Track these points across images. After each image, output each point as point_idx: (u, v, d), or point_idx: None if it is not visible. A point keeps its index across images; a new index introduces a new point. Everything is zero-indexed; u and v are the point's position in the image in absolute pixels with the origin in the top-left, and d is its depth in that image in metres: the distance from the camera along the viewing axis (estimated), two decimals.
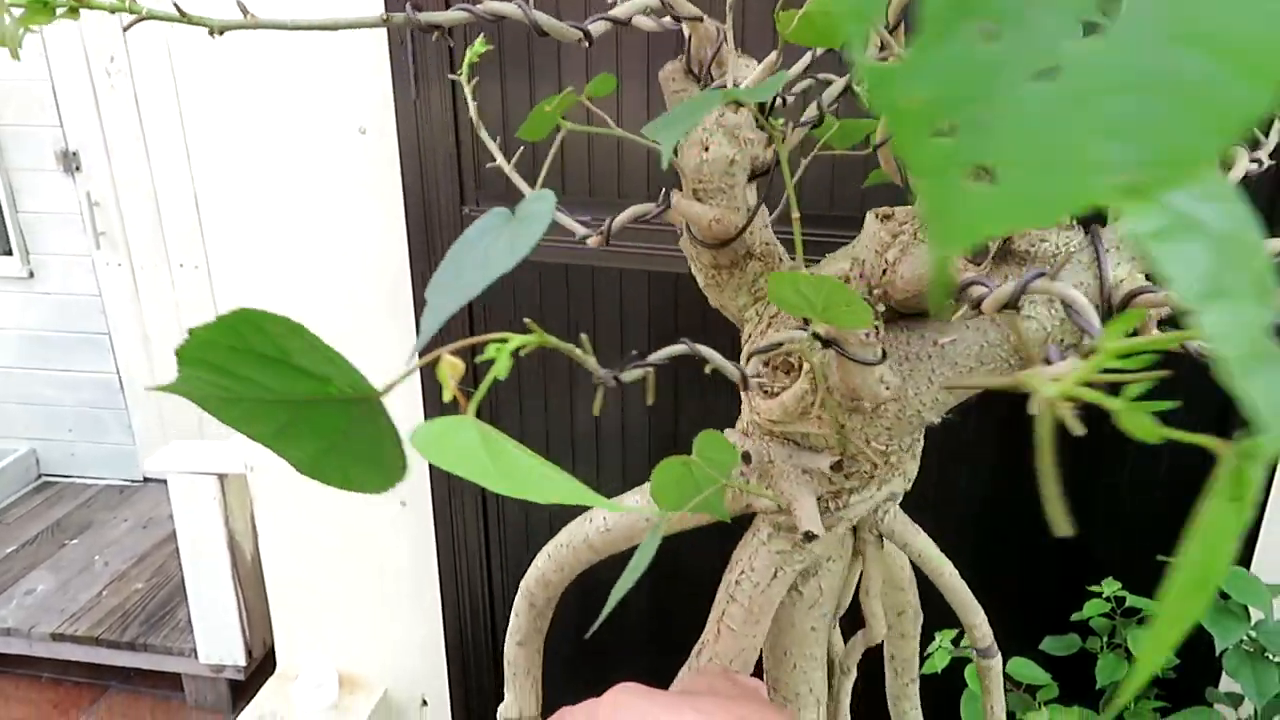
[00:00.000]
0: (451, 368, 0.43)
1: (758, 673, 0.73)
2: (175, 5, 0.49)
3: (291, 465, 0.45)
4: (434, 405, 1.76)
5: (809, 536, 0.59)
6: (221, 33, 0.49)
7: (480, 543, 1.92)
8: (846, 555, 0.70)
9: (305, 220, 1.74)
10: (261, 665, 2.45)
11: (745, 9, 1.35)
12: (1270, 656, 1.23)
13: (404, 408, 1.81)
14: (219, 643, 2.45)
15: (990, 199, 0.24)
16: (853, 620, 0.75)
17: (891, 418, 0.57)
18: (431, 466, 1.84)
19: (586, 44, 0.56)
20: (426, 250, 1.69)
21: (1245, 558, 1.45)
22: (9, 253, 3.13)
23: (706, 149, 0.57)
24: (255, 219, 1.76)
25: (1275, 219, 1.36)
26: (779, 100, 0.56)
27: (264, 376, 0.42)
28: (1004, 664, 1.36)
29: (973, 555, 0.99)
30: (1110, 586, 1.43)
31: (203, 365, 0.41)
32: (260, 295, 1.79)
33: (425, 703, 2.13)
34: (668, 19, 0.59)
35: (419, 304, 1.73)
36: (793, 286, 0.47)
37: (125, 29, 0.50)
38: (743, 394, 0.63)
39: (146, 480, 3.34)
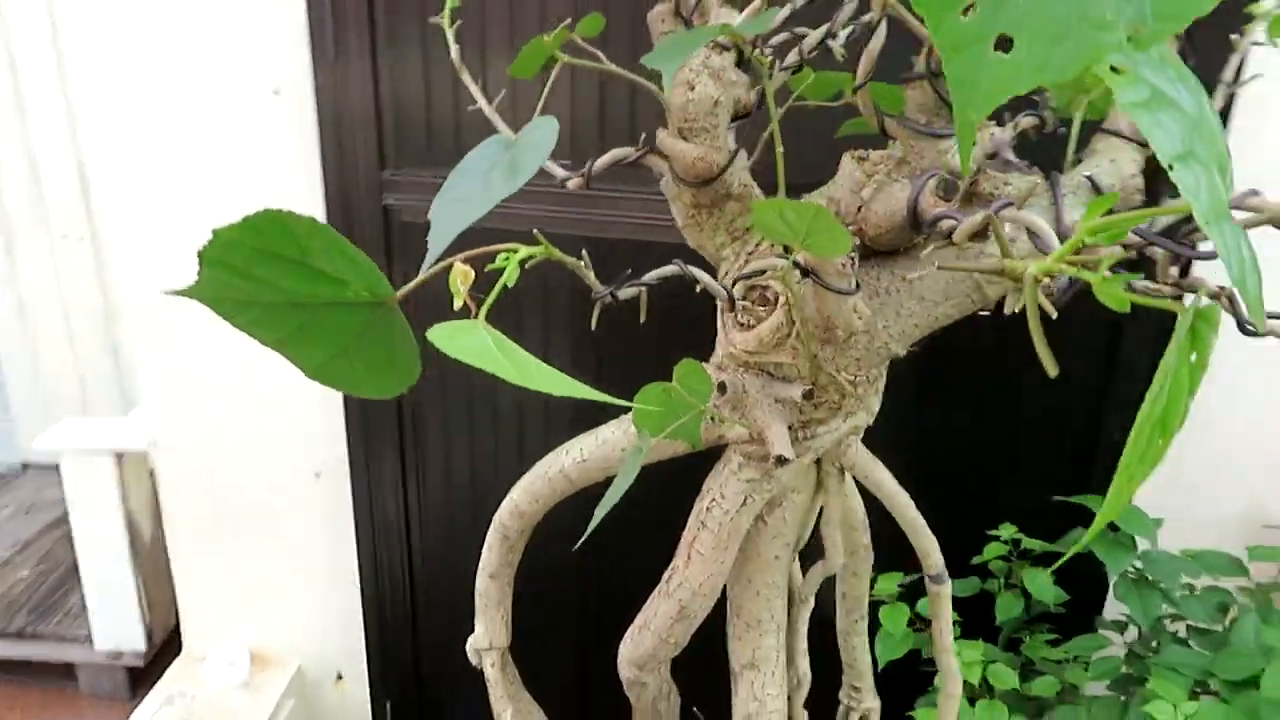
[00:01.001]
0: (463, 275, 0.45)
1: (722, 601, 0.77)
2: None
3: (301, 370, 0.47)
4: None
5: (780, 461, 0.63)
6: None
7: (400, 513, 1.91)
8: (810, 488, 0.75)
9: (211, 187, 1.69)
10: (164, 650, 2.38)
11: None
12: (1154, 582, 1.35)
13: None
14: (116, 629, 2.36)
15: (1011, 65, 0.28)
16: (807, 556, 0.80)
17: (861, 349, 0.61)
18: (349, 438, 1.82)
19: None
20: (344, 216, 1.66)
21: None
22: None
23: (692, 89, 0.60)
24: (153, 187, 1.69)
25: None
26: (759, 50, 0.60)
27: (282, 278, 0.43)
28: (914, 606, 1.45)
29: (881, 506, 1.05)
30: (1007, 531, 1.53)
31: (222, 267, 0.42)
32: (158, 267, 1.73)
33: (340, 677, 2.11)
34: None
35: None
36: (778, 213, 0.50)
37: None
38: (719, 328, 0.66)
39: (25, 466, 3.18)
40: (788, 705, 0.80)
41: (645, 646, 0.77)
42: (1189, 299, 0.42)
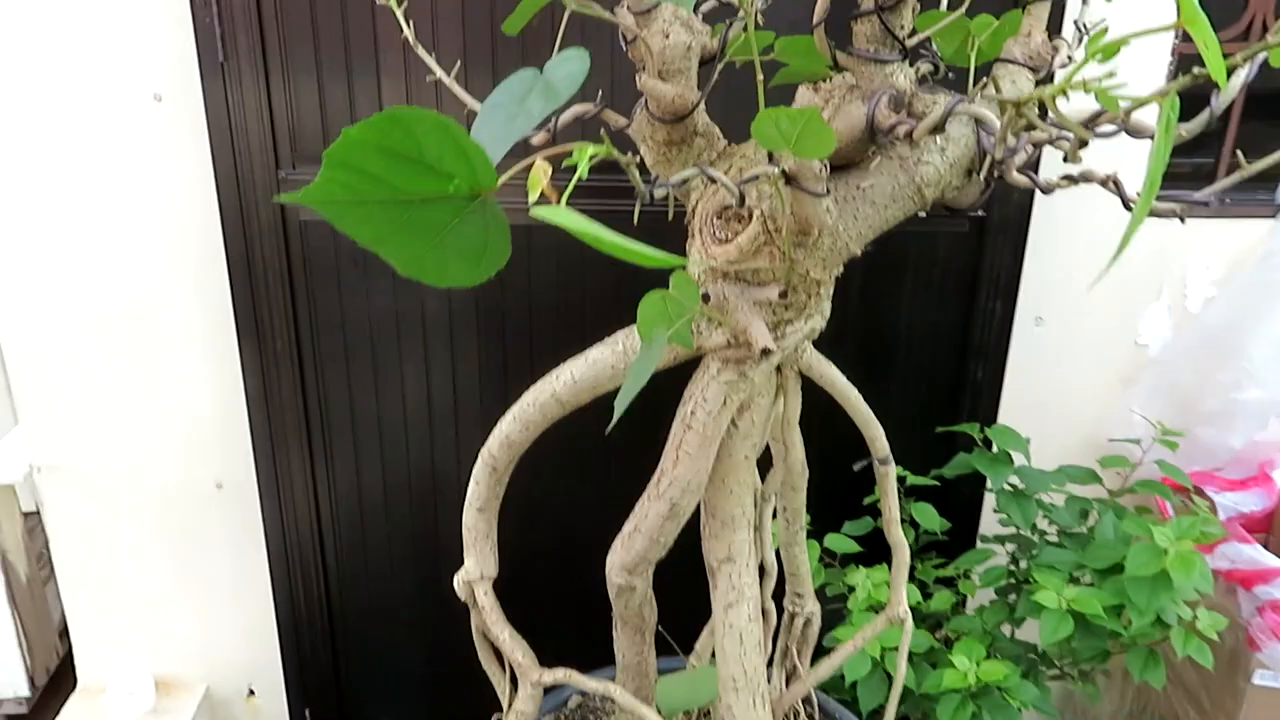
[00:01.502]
0: (544, 171, 0.53)
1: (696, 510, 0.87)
2: None
3: (393, 264, 0.54)
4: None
5: (765, 353, 0.73)
6: None
7: (312, 522, 1.90)
8: (771, 393, 0.85)
9: (91, 196, 1.65)
10: (48, 692, 2.26)
11: None
12: (1028, 493, 1.53)
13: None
14: None
15: None
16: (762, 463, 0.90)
17: (826, 249, 0.73)
18: (255, 447, 1.81)
19: None
20: (240, 218, 1.66)
21: (995, 409, 1.77)
22: None
23: (668, 36, 0.70)
24: (28, 198, 1.64)
25: None
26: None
27: (394, 175, 0.50)
28: (821, 542, 1.58)
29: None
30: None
31: (343, 166, 0.49)
32: (35, 281, 1.68)
33: (252, 693, 2.07)
34: None
35: (235, 277, 1.70)
36: (773, 122, 0.60)
37: None
38: (697, 244, 0.76)
39: None
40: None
41: (637, 549, 0.86)
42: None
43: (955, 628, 1.55)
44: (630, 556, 0.87)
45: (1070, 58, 0.79)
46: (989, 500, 1.82)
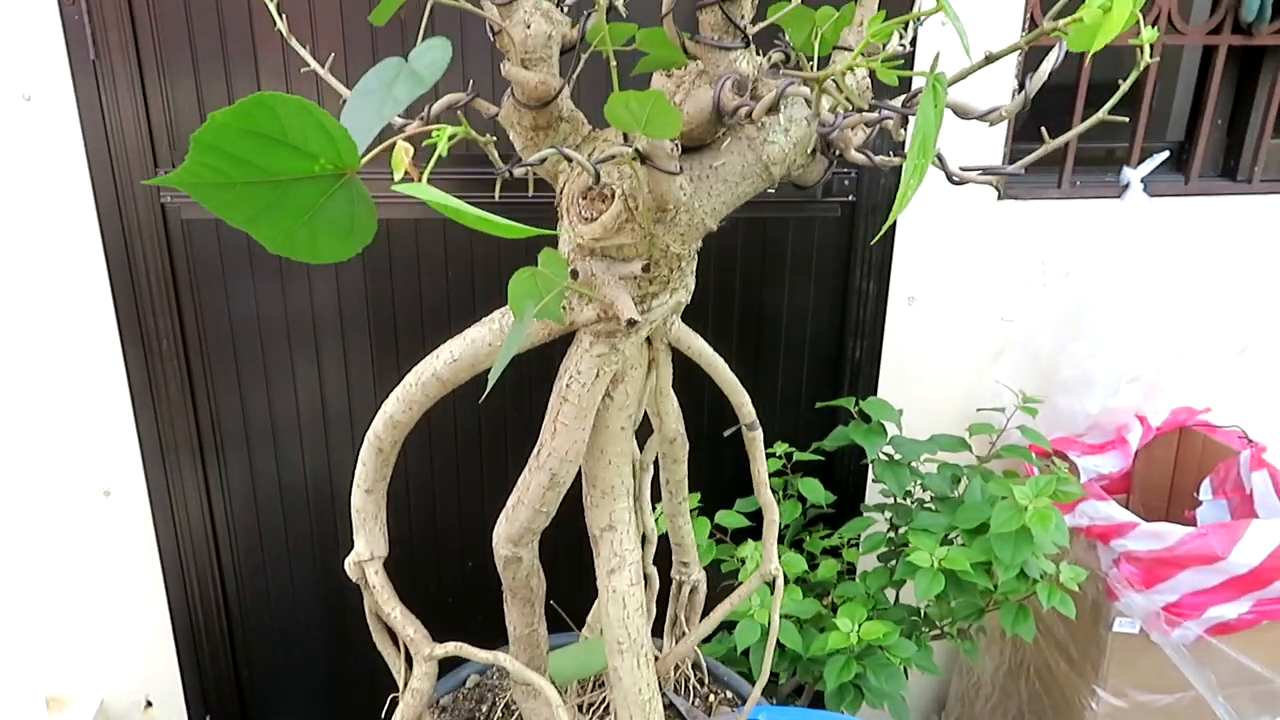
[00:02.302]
0: (405, 151, 0.56)
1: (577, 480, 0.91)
2: None
3: (264, 244, 0.57)
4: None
5: (631, 324, 0.77)
6: None
7: (205, 527, 1.88)
8: (644, 365, 0.90)
9: None
10: None
11: None
12: (902, 461, 1.62)
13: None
14: None
15: None
16: (641, 434, 0.95)
17: (684, 225, 0.77)
18: (143, 454, 1.78)
19: None
20: (119, 218, 1.64)
21: (874, 385, 1.86)
22: None
23: (529, 26, 0.73)
24: None
25: None
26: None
27: (260, 157, 0.53)
28: (712, 519, 1.64)
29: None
30: (781, 447, 1.77)
31: (210, 150, 0.52)
32: None
33: (150, 703, 2.03)
34: None
35: (116, 279, 1.67)
36: (624, 105, 0.65)
37: None
38: (564, 223, 0.80)
39: None
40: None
41: (520, 520, 0.90)
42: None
43: (841, 594, 1.63)
44: (514, 528, 0.91)
45: (906, 44, 0.85)
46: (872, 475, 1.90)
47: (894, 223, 1.79)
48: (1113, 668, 1.69)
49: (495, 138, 0.62)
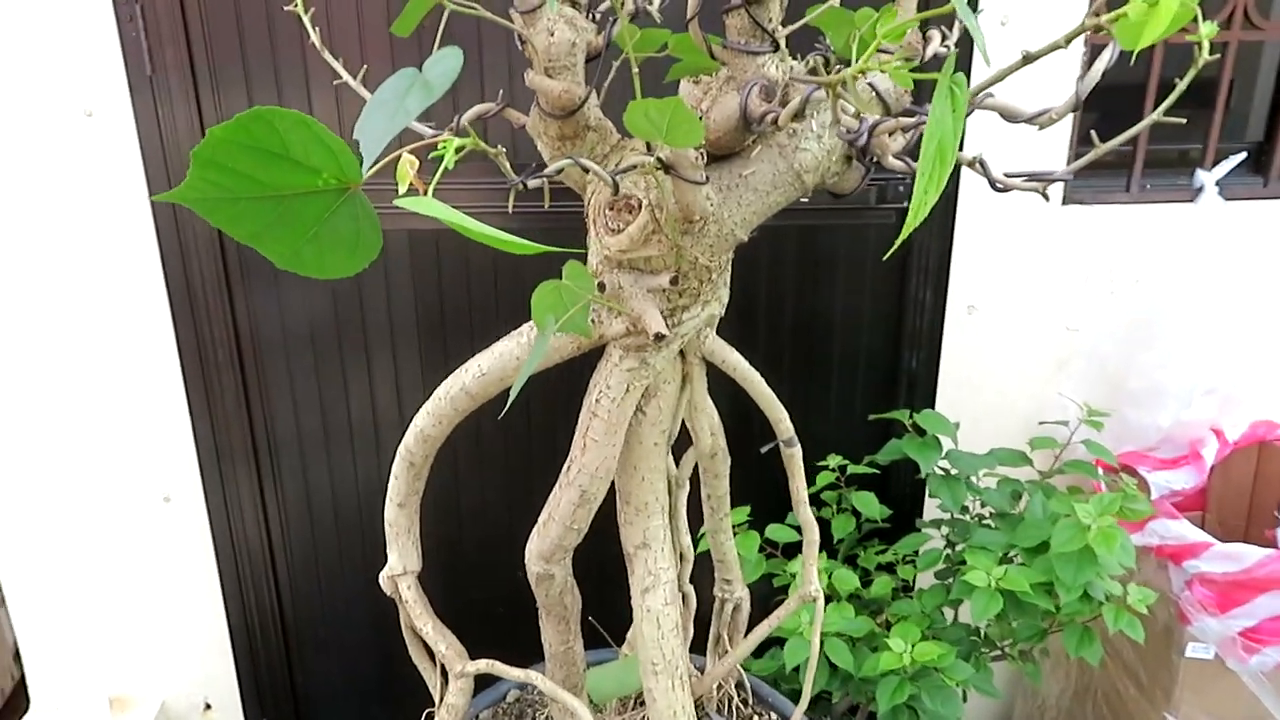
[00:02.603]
0: (411, 164, 0.55)
1: (612, 492, 0.89)
2: None
3: (272, 260, 0.55)
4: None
5: (659, 338, 0.75)
6: None
7: (261, 533, 1.91)
8: (677, 379, 0.88)
9: (22, 214, 1.64)
10: (3, 716, 2.24)
11: None
12: (958, 476, 1.57)
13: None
14: None
15: None
16: (677, 450, 0.92)
17: (713, 236, 0.75)
18: (201, 461, 1.81)
19: None
20: (176, 234, 1.67)
21: (931, 396, 1.80)
22: None
23: (553, 34, 0.72)
24: None
25: None
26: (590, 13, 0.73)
27: (262, 172, 0.52)
28: (762, 532, 1.61)
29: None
30: (834, 460, 1.72)
31: (211, 165, 0.51)
32: None
33: (209, 706, 2.07)
34: None
35: (173, 290, 1.70)
36: (643, 113, 0.63)
37: None
38: (591, 235, 0.78)
39: None
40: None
41: (552, 536, 0.88)
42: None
43: (895, 612, 1.58)
44: (546, 544, 0.89)
45: (947, 46, 0.82)
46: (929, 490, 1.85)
47: (953, 229, 1.74)
48: (1185, 694, 1.61)
49: (504, 149, 0.60)
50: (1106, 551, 1.35)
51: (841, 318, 1.81)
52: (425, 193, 0.52)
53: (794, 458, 0.95)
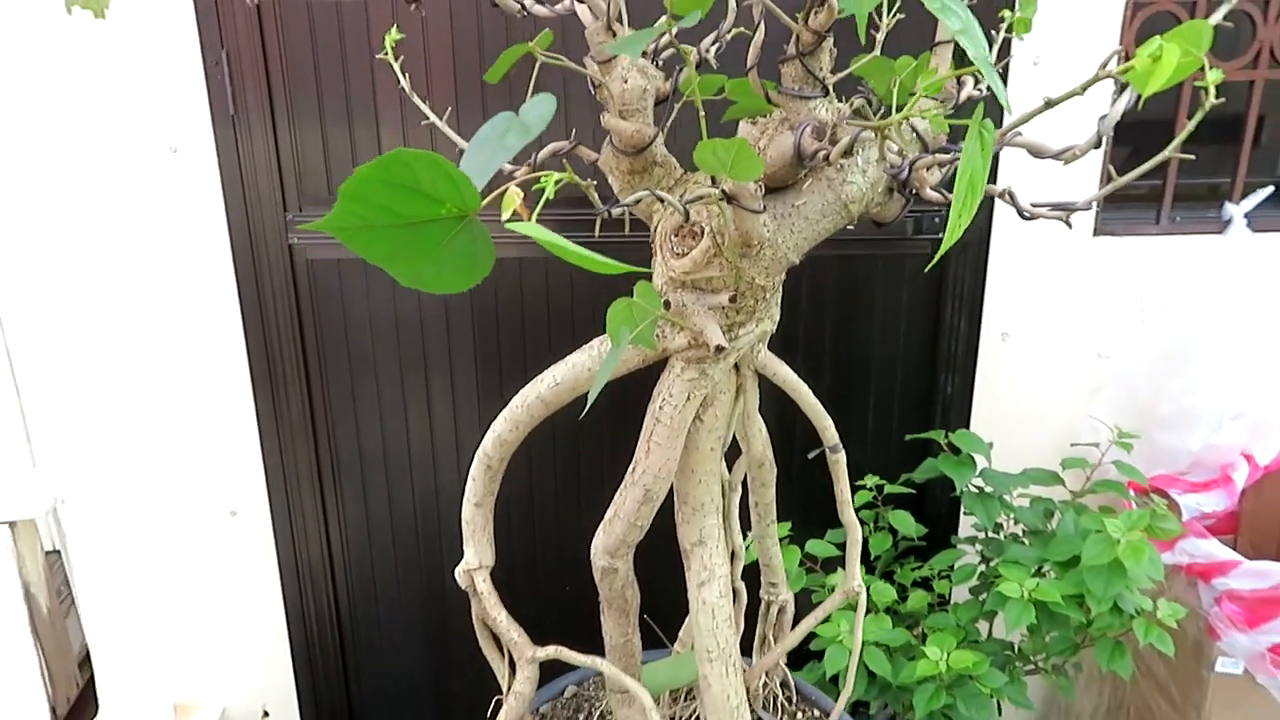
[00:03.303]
0: (516, 195, 0.64)
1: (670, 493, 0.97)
2: None
3: (398, 279, 0.65)
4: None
5: (719, 350, 0.84)
6: None
7: (322, 548, 2.00)
8: (732, 391, 0.96)
9: (110, 243, 1.76)
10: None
11: None
12: (992, 494, 1.63)
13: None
14: (15, 707, 2.31)
15: None
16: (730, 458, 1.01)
17: (768, 259, 0.84)
18: (267, 477, 1.91)
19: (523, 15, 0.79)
20: (251, 258, 1.78)
21: (966, 420, 1.87)
22: None
23: (626, 81, 0.81)
24: (50, 244, 1.74)
25: None
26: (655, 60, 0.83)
27: (396, 203, 0.61)
28: (802, 547, 1.68)
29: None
30: (871, 480, 1.80)
31: (355, 199, 0.61)
32: (57, 326, 1.79)
33: (266, 713, 2.16)
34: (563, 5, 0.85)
35: (247, 313, 1.81)
36: (711, 151, 0.72)
37: None
38: (657, 259, 0.87)
39: None
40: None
41: (617, 533, 0.96)
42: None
43: (931, 624, 1.64)
44: (611, 540, 0.97)
45: (982, 89, 0.90)
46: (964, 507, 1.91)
47: (986, 258, 1.82)
48: (1215, 710, 1.66)
49: (595, 181, 0.69)
50: (1135, 564, 1.41)
51: (879, 344, 1.89)
52: (530, 219, 0.61)
53: (839, 463, 1.03)
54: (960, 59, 0.86)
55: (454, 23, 1.68)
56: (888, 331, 1.88)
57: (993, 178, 1.68)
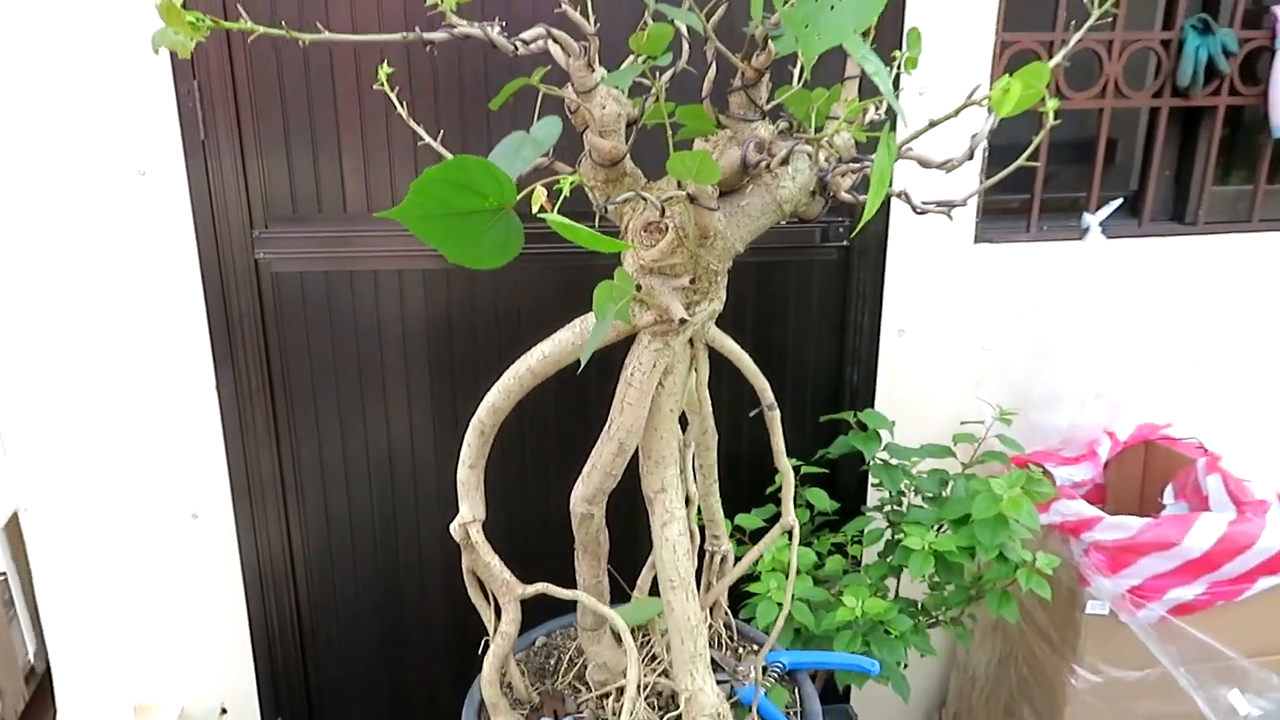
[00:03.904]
0: (542, 193, 0.83)
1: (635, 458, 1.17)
2: None
3: (446, 255, 0.84)
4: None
5: (682, 322, 1.04)
6: None
7: (284, 550, 2.11)
8: (687, 360, 1.16)
9: (78, 265, 1.86)
10: None
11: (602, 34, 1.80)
12: (895, 465, 1.88)
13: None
14: None
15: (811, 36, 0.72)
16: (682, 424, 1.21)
17: (720, 248, 1.05)
18: (231, 480, 2.03)
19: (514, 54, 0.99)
20: (219, 273, 1.91)
21: (870, 406, 2.12)
22: None
23: (604, 107, 1.01)
24: (16, 263, 1.85)
25: None
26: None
27: (451, 196, 0.80)
28: (733, 521, 1.88)
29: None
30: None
31: (422, 193, 0.79)
32: (24, 344, 1.89)
33: (224, 710, 2.25)
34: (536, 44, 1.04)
35: (214, 323, 1.94)
36: (681, 160, 0.92)
37: None
38: (628, 257, 1.07)
39: None
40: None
41: (594, 482, 1.15)
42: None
43: (846, 583, 1.87)
44: (589, 489, 1.16)
45: (881, 114, 1.13)
46: (871, 489, 2.15)
47: (884, 263, 2.08)
48: (1088, 647, 1.92)
49: (596, 186, 0.89)
50: (1016, 515, 1.67)
51: (793, 341, 2.12)
52: (553, 210, 0.80)
53: (774, 419, 1.24)
54: (864, 89, 1.09)
55: (411, 63, 1.86)
56: (800, 329, 2.12)
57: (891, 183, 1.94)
